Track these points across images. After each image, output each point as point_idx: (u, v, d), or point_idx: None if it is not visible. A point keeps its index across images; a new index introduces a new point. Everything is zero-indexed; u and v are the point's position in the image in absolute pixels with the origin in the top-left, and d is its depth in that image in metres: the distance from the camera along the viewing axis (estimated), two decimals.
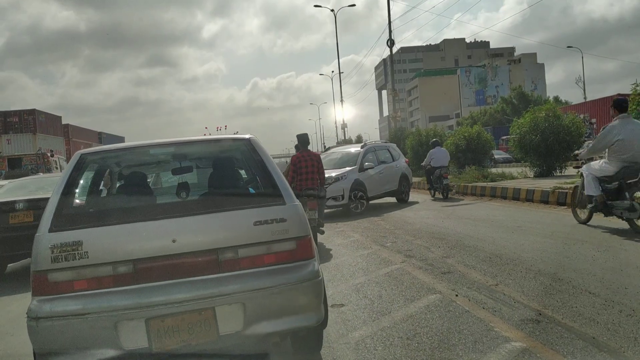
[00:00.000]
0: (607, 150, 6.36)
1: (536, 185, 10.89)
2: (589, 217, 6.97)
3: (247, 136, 3.16)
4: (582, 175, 6.87)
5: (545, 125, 13.56)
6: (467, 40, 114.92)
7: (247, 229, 2.62)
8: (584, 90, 54.17)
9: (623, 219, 6.22)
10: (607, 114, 34.19)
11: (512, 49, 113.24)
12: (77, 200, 3.04)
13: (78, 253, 2.47)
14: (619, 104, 6.46)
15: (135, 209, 2.95)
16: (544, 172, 13.93)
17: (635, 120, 6.70)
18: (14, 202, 6.47)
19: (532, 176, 14.19)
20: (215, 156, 3.66)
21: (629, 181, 6.05)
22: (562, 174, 13.95)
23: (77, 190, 2.92)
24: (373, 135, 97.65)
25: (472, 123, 37.89)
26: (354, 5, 43.11)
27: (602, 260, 5.01)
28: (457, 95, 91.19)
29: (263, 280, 2.56)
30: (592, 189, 6.46)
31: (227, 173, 3.57)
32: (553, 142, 13.32)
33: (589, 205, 6.63)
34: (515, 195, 10.91)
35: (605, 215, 6.55)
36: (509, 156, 32.88)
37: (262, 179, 3.04)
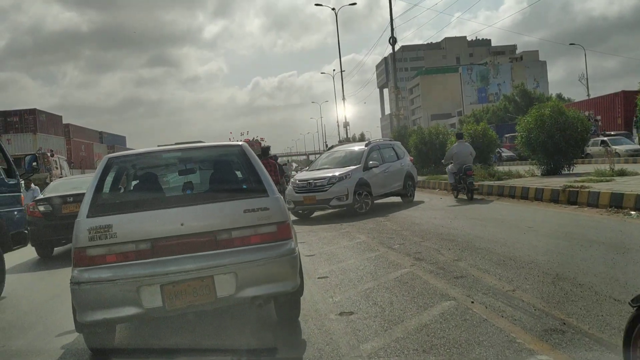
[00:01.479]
0: (452, 159, 12.13)
1: (545, 184, 10.65)
2: (456, 195, 12.32)
3: (239, 143, 4.06)
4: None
5: (551, 122, 13.30)
6: (469, 39, 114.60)
7: (238, 216, 3.37)
8: (587, 88, 53.75)
9: (464, 195, 11.66)
10: (611, 111, 33.99)
11: (514, 47, 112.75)
12: (107, 194, 3.82)
13: (109, 234, 3.19)
14: (459, 135, 13.31)
15: (152, 200, 3.69)
16: (552, 170, 13.67)
17: (466, 142, 12.82)
18: (67, 195, 8.33)
19: (539, 174, 13.94)
20: (214, 159, 4.38)
21: (463, 175, 11.62)
22: (571, 172, 13.69)
23: (105, 186, 3.72)
24: (375, 133, 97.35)
25: (475, 121, 37.70)
26: (354, 3, 42.69)
27: (623, 264, 4.78)
28: (459, 93, 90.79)
29: (250, 255, 3.29)
30: (451, 179, 12.39)
31: (223, 172, 4.23)
32: (560, 140, 13.06)
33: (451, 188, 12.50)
34: (524, 194, 10.67)
35: (456, 195, 12.21)
36: (513, 154, 32.64)
37: (251, 177, 3.78)
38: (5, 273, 5.97)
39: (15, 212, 6.53)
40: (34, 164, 6.90)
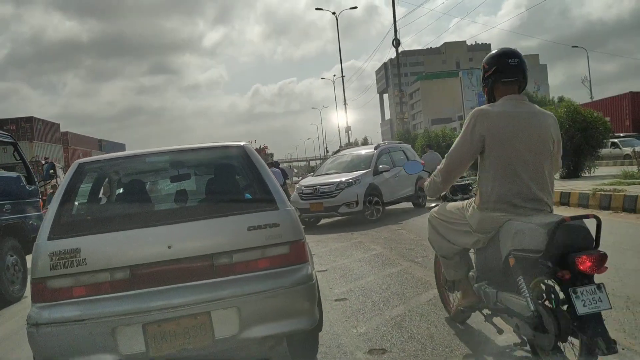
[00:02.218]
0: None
1: (570, 187, 9.87)
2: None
3: (241, 143, 3.23)
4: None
5: (570, 122, 12.55)
6: (468, 43, 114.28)
7: (241, 234, 2.67)
8: (591, 90, 53.02)
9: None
10: (618, 113, 33.22)
11: None
12: (76, 209, 3.08)
13: (76, 260, 2.53)
14: (429, 145, 15.10)
15: (132, 216, 2.95)
16: (571, 173, 12.89)
17: (435, 152, 13.75)
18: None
19: (557, 177, 13.16)
20: (212, 163, 3.71)
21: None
22: (591, 174, 12.91)
23: (75, 199, 2.97)
24: (375, 139, 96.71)
25: None
26: (355, 7, 42.19)
27: None
28: (460, 98, 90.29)
29: (257, 284, 2.60)
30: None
31: (224, 180, 3.51)
32: (581, 140, 12.29)
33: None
34: None
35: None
36: None
37: (256, 185, 3.06)
38: (27, 274, 5.94)
39: (35, 217, 6.77)
40: (51, 171, 7.36)
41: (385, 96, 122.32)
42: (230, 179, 3.62)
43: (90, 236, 2.63)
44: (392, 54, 30.23)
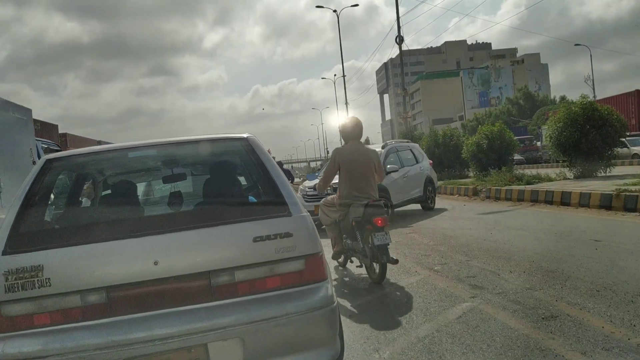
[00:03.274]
0: None
1: (590, 188, 9.36)
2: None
3: (244, 135, 2.76)
4: None
5: (585, 119, 12.03)
6: (469, 42, 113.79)
7: (245, 247, 2.22)
8: (594, 89, 52.45)
9: None
10: (624, 111, 32.62)
11: (514, 50, 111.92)
12: (40, 216, 2.46)
13: (38, 280, 2.06)
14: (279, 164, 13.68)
15: (111, 225, 2.38)
16: (586, 173, 12.38)
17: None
18: None
19: (571, 177, 12.66)
20: (210, 160, 3.18)
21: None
22: (607, 174, 12.40)
23: (41, 203, 2.41)
24: (376, 139, 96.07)
25: (477, 125, 36.32)
26: (356, 5, 41.78)
27: None
28: (460, 98, 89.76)
29: (265, 309, 2.15)
30: None
31: (225, 179, 2.98)
32: (596, 138, 11.78)
33: None
34: (565, 200, 9.38)
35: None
36: (522, 158, 31.37)
37: (263, 185, 2.66)
38: None
39: None
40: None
41: (386, 96, 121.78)
42: (233, 178, 3.15)
43: (56, 249, 2.12)
44: (393, 53, 29.72)
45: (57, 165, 2.63)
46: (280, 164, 13.92)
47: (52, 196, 2.78)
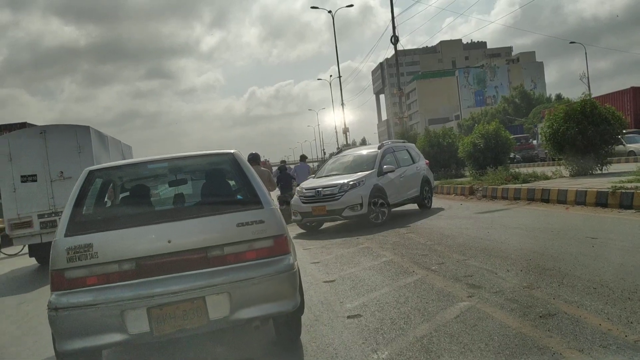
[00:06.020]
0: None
1: (586, 186, 9.39)
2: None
3: (231, 151, 3.66)
4: None
5: (583, 116, 12.02)
6: (464, 42, 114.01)
7: (231, 230, 3.10)
8: (589, 87, 52.54)
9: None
10: (620, 108, 32.70)
11: (510, 49, 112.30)
12: (87, 210, 3.44)
13: (89, 254, 2.94)
14: (302, 157, 15.20)
15: (136, 216, 3.39)
16: (582, 170, 12.40)
17: (307, 164, 14.89)
18: None
19: (567, 175, 12.69)
20: (205, 169, 4.09)
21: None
22: (603, 171, 12.43)
23: (86, 201, 3.37)
24: (372, 140, 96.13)
25: (473, 124, 36.40)
26: (351, 5, 41.76)
27: None
28: (456, 97, 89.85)
29: (246, 272, 3.03)
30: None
31: (216, 183, 3.91)
32: (594, 135, 11.78)
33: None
34: (561, 198, 9.40)
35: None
36: (518, 156, 31.42)
37: (244, 188, 3.49)
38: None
39: None
40: None
41: (382, 97, 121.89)
42: (222, 182, 3.95)
43: (101, 233, 3.02)
44: (388, 53, 29.71)
45: (98, 174, 3.61)
46: (283, 167, 13.85)
47: (92, 195, 3.61)
